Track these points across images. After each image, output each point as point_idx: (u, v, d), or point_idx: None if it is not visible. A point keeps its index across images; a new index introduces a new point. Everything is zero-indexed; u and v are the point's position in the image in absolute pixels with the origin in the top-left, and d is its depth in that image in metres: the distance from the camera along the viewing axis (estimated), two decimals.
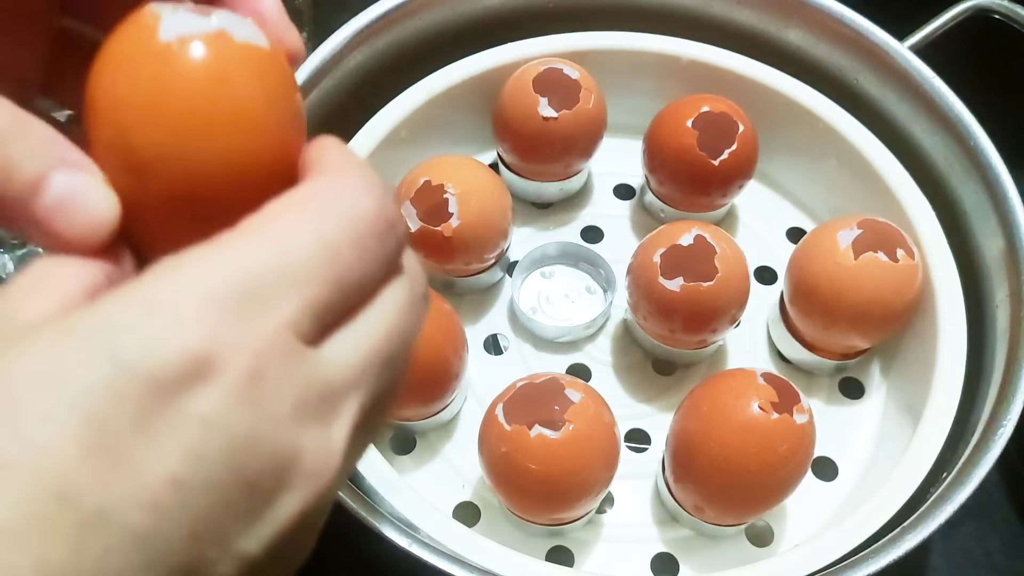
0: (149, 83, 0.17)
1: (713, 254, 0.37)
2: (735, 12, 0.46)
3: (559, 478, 0.32)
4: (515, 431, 0.32)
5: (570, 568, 0.36)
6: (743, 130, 0.41)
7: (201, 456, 0.15)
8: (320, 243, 0.17)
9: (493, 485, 0.34)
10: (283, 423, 0.16)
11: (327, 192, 0.18)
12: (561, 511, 0.34)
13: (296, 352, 0.16)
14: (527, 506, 0.34)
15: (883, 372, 0.42)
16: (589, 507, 0.35)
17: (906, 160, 0.42)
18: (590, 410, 0.33)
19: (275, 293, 0.16)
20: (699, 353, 0.41)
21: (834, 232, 0.38)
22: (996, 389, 0.36)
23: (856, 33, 0.44)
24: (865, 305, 0.37)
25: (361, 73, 0.44)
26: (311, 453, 0.16)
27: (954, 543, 0.43)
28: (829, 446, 0.40)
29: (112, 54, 0.18)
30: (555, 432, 0.32)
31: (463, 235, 0.39)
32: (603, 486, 0.34)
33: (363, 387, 0.18)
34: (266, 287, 0.16)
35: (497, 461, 0.33)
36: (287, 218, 0.17)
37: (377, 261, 0.18)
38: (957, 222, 0.42)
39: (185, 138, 0.17)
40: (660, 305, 0.38)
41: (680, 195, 0.44)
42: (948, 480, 0.33)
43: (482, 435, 0.34)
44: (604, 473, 0.34)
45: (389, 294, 0.19)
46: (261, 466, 0.16)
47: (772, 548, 0.38)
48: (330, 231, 0.17)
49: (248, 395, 0.16)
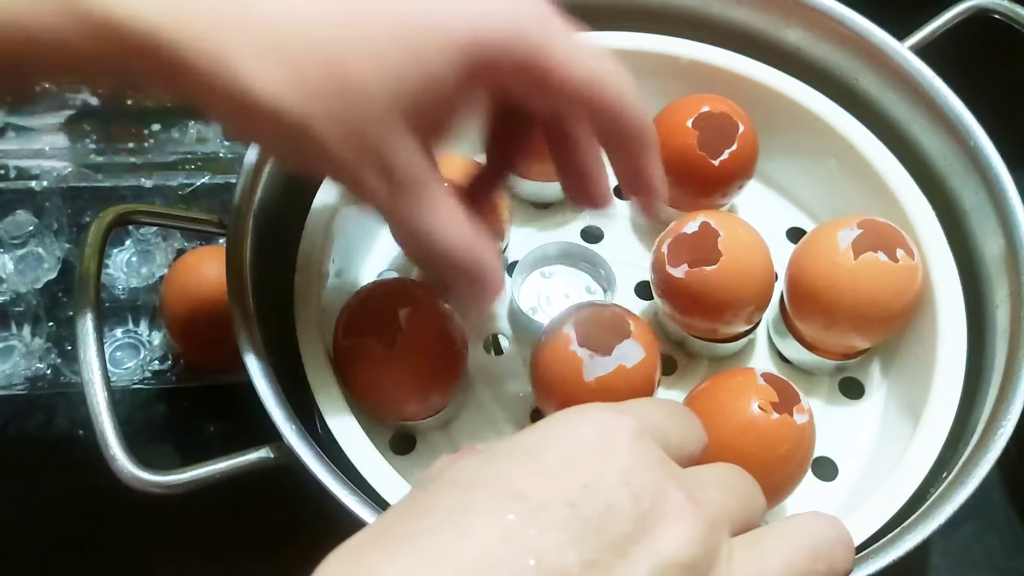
0: None
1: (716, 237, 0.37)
2: (735, 12, 0.46)
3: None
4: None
5: None
6: (743, 130, 0.41)
7: None
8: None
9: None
10: None
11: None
12: None
13: None
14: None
15: (883, 372, 0.42)
16: None
17: (906, 160, 0.42)
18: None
19: None
20: (727, 347, 0.41)
21: (834, 232, 0.38)
22: (996, 389, 0.36)
23: (856, 33, 0.44)
24: (865, 305, 0.37)
25: None
26: None
27: (954, 543, 0.43)
28: (829, 446, 0.40)
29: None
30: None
31: None
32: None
33: None
34: None
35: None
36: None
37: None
38: (957, 222, 0.42)
39: None
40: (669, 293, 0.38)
41: (680, 195, 0.44)
42: (948, 480, 0.33)
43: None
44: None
45: None
46: None
47: None
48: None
49: None
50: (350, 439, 0.35)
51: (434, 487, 0.21)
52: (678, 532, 0.20)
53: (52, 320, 0.47)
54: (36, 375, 0.45)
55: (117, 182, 0.50)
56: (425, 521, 0.20)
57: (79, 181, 0.50)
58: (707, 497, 0.22)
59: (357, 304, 0.36)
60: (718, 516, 0.22)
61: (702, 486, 0.23)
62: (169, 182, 0.50)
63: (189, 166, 0.51)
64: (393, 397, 0.36)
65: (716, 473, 0.24)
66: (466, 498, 0.20)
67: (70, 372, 0.45)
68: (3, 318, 0.46)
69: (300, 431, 0.33)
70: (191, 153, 0.52)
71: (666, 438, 0.24)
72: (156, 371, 0.45)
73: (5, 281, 0.47)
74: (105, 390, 0.32)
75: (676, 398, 0.40)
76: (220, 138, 0.52)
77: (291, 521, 0.42)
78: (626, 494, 0.20)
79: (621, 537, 0.20)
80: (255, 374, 0.34)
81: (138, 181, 0.50)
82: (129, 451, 0.32)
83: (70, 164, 0.51)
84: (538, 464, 0.21)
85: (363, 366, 0.35)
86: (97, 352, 0.33)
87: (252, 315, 0.36)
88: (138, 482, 0.31)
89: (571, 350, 0.34)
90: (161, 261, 0.49)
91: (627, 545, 0.20)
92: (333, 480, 0.32)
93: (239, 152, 0.52)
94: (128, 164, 0.51)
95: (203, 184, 0.50)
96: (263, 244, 0.39)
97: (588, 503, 0.20)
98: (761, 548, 0.22)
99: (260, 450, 0.33)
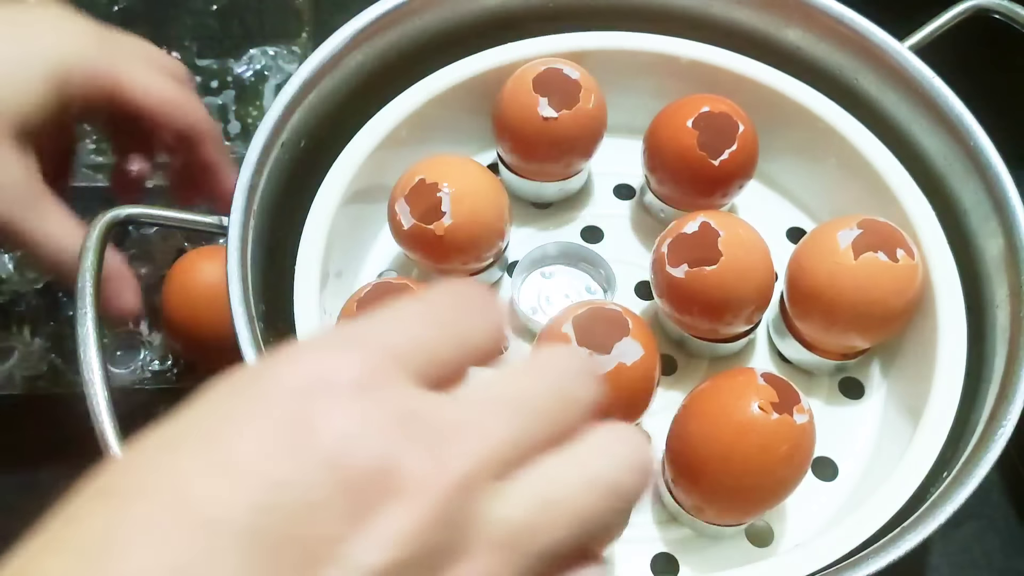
0: None
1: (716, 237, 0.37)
2: (735, 12, 0.46)
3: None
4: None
5: None
6: (743, 130, 0.41)
7: None
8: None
9: None
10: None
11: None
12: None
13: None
14: None
15: (883, 372, 0.42)
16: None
17: (906, 160, 0.42)
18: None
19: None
20: (727, 347, 0.41)
21: (834, 232, 0.38)
22: (996, 389, 0.36)
23: (856, 33, 0.44)
24: (865, 305, 0.37)
25: (361, 73, 0.44)
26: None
27: (954, 543, 0.43)
28: (829, 446, 0.40)
29: None
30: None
31: (456, 234, 0.39)
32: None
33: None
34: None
35: None
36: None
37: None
38: (957, 222, 0.42)
39: None
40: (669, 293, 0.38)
41: (680, 195, 0.44)
42: (948, 480, 0.33)
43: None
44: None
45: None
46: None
47: (772, 548, 0.38)
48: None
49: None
50: None
51: (83, 498, 0.16)
52: (397, 523, 0.16)
53: (52, 320, 0.46)
54: (35, 375, 0.45)
55: None
56: (58, 559, 0.15)
57: (79, 181, 0.50)
58: (468, 443, 0.17)
59: (357, 304, 0.36)
60: (476, 470, 0.17)
61: (470, 420, 0.18)
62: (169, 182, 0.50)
63: None
64: None
65: (506, 388, 0.19)
66: (119, 518, 0.16)
67: (70, 372, 0.45)
68: (3, 318, 0.46)
69: None
70: None
71: (428, 356, 0.19)
72: (156, 371, 0.45)
73: (5, 281, 0.47)
74: (105, 390, 0.32)
75: (676, 398, 0.39)
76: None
77: None
78: (332, 483, 0.16)
79: (322, 543, 0.16)
80: None
81: None
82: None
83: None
84: (219, 454, 0.16)
85: None
86: (97, 352, 0.33)
87: (252, 315, 0.36)
88: None
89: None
90: (161, 261, 0.49)
91: (328, 552, 0.15)
92: None
93: (238, 154, 0.52)
94: None
95: None
96: (263, 244, 0.39)
97: (277, 509, 0.15)
98: (539, 502, 0.18)
99: None
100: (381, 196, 0.41)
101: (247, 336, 0.35)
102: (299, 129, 0.42)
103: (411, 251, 0.41)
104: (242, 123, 0.54)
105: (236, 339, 0.35)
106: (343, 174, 0.42)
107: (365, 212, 0.43)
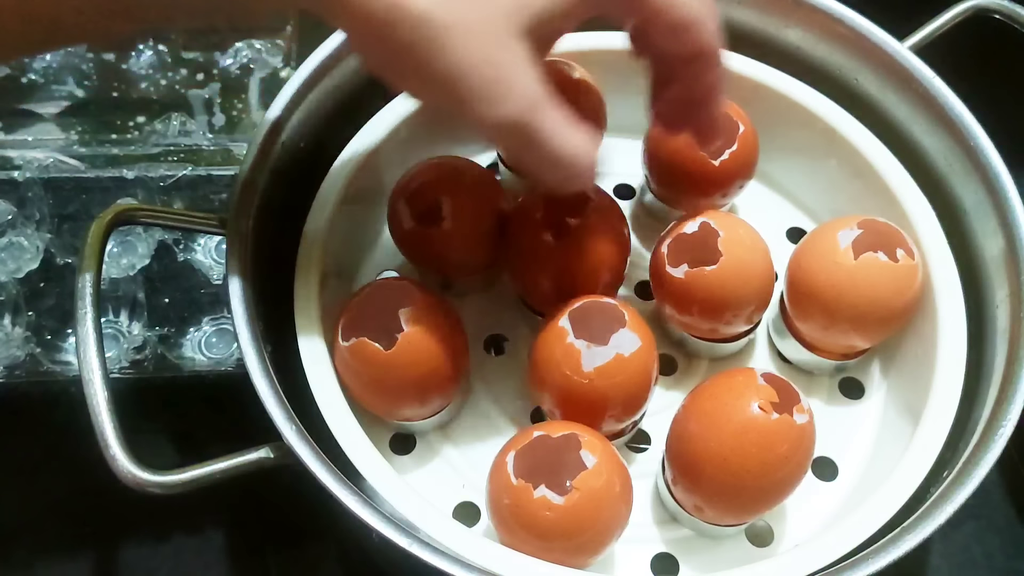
0: None
1: (716, 237, 0.37)
2: (735, 12, 0.46)
3: (556, 540, 0.32)
4: (520, 487, 0.32)
5: (570, 567, 0.35)
6: (743, 130, 0.41)
7: None
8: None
9: (493, 522, 0.34)
10: None
11: None
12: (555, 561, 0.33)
13: None
14: (523, 549, 0.33)
15: (883, 372, 0.42)
16: (581, 563, 0.34)
17: (906, 160, 0.42)
18: (601, 478, 0.32)
19: None
20: (727, 347, 0.41)
21: (834, 232, 0.38)
22: (996, 389, 0.36)
23: (856, 33, 0.44)
24: (865, 305, 0.37)
25: (361, 73, 0.44)
26: None
27: (954, 543, 0.43)
28: (829, 446, 0.40)
29: None
30: (559, 497, 0.31)
31: (455, 236, 0.39)
32: (602, 547, 0.33)
33: None
34: None
35: (500, 508, 0.33)
36: None
37: None
38: (957, 222, 0.42)
39: None
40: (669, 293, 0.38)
41: (680, 195, 0.44)
42: (948, 480, 0.33)
43: (491, 475, 0.34)
44: (605, 537, 0.33)
45: None
46: None
47: (772, 548, 0.38)
48: None
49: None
50: (350, 439, 0.35)
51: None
52: None
53: (32, 310, 0.46)
54: (13, 363, 0.45)
55: (100, 173, 0.50)
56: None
57: (62, 172, 0.50)
58: None
59: (357, 304, 0.36)
60: None
61: None
62: (151, 173, 0.50)
63: (171, 158, 0.51)
64: (393, 397, 0.36)
65: None
66: None
67: (48, 361, 0.45)
68: None
69: (300, 431, 0.33)
70: (174, 145, 0.52)
71: None
72: (133, 360, 0.45)
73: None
74: (105, 390, 0.32)
75: (676, 398, 0.40)
76: (203, 131, 0.53)
77: (291, 521, 0.43)
78: None
79: None
80: (255, 374, 0.34)
81: (120, 172, 0.50)
82: (129, 451, 0.32)
83: (53, 155, 0.51)
84: None
85: (363, 366, 0.35)
86: (97, 352, 0.33)
87: (252, 315, 0.36)
88: (138, 482, 0.31)
89: (568, 342, 0.34)
90: (143, 252, 0.49)
91: None
92: (333, 480, 0.32)
93: (222, 145, 0.52)
94: (111, 155, 0.51)
95: (184, 176, 0.50)
96: (263, 244, 0.39)
97: None
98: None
99: (260, 450, 0.33)
100: (381, 196, 0.41)
101: (247, 336, 0.35)
102: (299, 129, 0.42)
103: (410, 252, 0.41)
104: (227, 116, 0.54)
105: (236, 338, 0.35)
106: (343, 174, 0.42)
107: (365, 212, 0.43)
